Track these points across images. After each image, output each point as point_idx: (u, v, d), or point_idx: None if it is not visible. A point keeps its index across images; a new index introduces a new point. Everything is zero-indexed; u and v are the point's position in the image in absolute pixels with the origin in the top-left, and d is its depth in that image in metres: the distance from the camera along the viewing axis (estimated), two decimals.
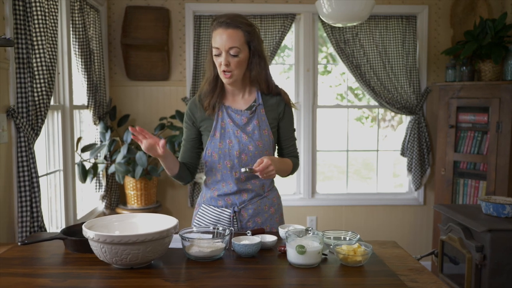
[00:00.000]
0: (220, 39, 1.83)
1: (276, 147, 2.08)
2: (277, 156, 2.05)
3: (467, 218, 2.45)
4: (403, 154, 4.25)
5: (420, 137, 4.14)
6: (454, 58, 3.96)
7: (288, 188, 4.34)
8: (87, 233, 1.49)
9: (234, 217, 1.97)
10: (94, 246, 1.50)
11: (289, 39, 4.30)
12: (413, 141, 4.14)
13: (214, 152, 1.95)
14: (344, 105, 4.46)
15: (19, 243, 1.70)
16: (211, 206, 2.02)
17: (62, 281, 1.45)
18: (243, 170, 1.81)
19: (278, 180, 2.18)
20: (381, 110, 4.98)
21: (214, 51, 1.86)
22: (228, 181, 1.96)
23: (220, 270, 1.56)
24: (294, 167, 2.05)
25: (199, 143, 2.03)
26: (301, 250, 1.56)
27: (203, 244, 1.64)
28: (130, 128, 1.77)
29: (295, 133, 2.12)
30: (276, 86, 2.01)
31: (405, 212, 4.29)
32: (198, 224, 2.04)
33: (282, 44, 4.06)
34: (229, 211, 1.98)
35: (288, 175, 2.04)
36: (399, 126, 7.57)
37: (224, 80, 1.90)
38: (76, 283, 1.44)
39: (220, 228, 1.77)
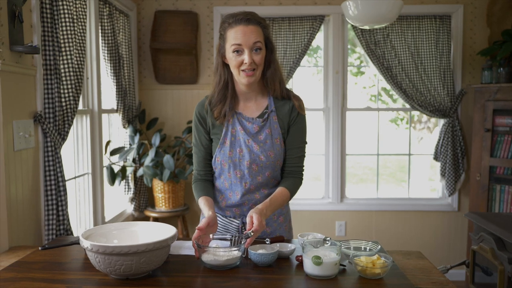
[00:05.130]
0: (243, 35, 1.73)
1: None
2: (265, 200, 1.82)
3: (500, 228, 2.34)
4: (436, 158, 4.12)
5: (454, 141, 4.00)
6: (491, 59, 3.81)
7: (317, 193, 4.29)
8: (82, 242, 1.48)
9: (243, 227, 1.93)
10: (89, 255, 1.50)
11: (322, 39, 4.23)
12: (446, 145, 4.01)
13: (224, 161, 1.88)
14: (374, 108, 4.36)
15: (40, 248, 1.73)
16: (218, 215, 1.97)
17: None
18: (245, 234, 1.68)
19: (306, 184, 2.07)
20: (416, 112, 4.84)
21: (234, 49, 1.75)
22: (236, 192, 1.89)
23: (234, 279, 1.54)
24: (293, 193, 1.90)
25: (211, 148, 1.95)
26: (317, 261, 1.52)
27: (219, 253, 1.62)
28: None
29: (306, 146, 1.96)
30: (287, 89, 1.92)
31: (438, 219, 4.16)
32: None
33: (315, 45, 4.01)
34: (237, 221, 1.93)
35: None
36: (435, 128, 7.38)
37: (244, 80, 1.79)
38: None
39: (237, 236, 1.74)
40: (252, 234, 1.66)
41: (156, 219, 3.81)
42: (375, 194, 4.36)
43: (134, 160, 3.70)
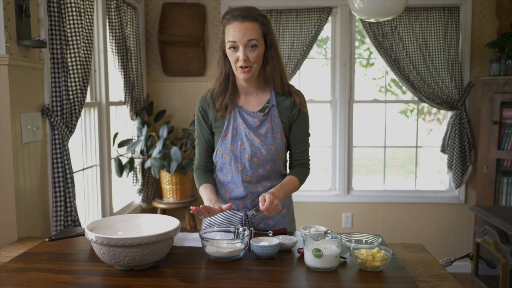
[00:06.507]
0: (238, 32, 1.75)
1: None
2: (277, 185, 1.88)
3: (504, 222, 2.34)
4: (443, 150, 4.11)
5: (462, 134, 3.98)
6: (499, 51, 3.78)
7: (323, 184, 4.30)
8: (87, 234, 1.51)
9: (246, 220, 1.95)
10: (94, 247, 1.54)
11: (329, 31, 4.22)
12: (454, 138, 3.99)
13: (225, 154, 1.92)
14: (382, 100, 4.35)
15: (46, 239, 1.77)
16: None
17: (83, 278, 1.51)
18: (250, 213, 1.82)
19: (313, 176, 2.10)
20: (425, 104, 4.82)
21: (230, 45, 1.78)
22: (238, 184, 1.93)
23: (236, 271, 1.57)
24: (302, 181, 1.96)
25: (213, 142, 2.00)
26: (318, 253, 1.54)
27: (222, 245, 1.65)
28: (192, 210, 1.71)
29: (309, 138, 2.00)
30: (289, 85, 1.93)
31: (444, 211, 4.16)
32: (209, 225, 2.03)
33: (325, 36, 3.99)
34: (241, 214, 1.96)
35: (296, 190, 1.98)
36: (445, 120, 7.32)
37: (241, 76, 1.82)
38: (95, 280, 1.49)
39: (241, 229, 1.77)
40: (254, 213, 1.77)
41: (164, 210, 3.85)
42: (382, 186, 4.36)
43: (142, 152, 3.74)
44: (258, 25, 1.79)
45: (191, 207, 1.73)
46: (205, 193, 1.90)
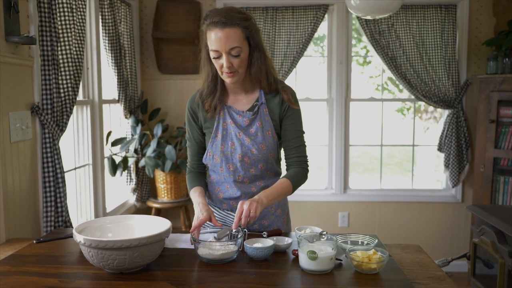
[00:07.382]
0: (219, 41, 1.68)
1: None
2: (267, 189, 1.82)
3: (501, 221, 2.31)
4: (440, 149, 4.08)
5: (459, 132, 3.96)
6: (496, 49, 3.75)
7: (320, 183, 4.27)
8: (75, 236, 1.47)
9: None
10: (82, 249, 1.49)
11: (326, 29, 4.18)
12: (451, 136, 3.96)
13: (216, 155, 1.88)
14: (378, 99, 4.32)
15: (34, 241, 1.73)
16: (215, 208, 1.97)
17: (70, 282, 1.46)
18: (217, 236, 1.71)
19: (309, 175, 2.02)
20: (422, 102, 4.79)
21: (213, 54, 1.72)
22: (231, 185, 1.89)
23: (229, 274, 1.53)
24: (296, 183, 1.86)
25: (205, 143, 1.96)
26: (313, 256, 1.50)
27: (214, 247, 1.61)
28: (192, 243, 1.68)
29: (304, 136, 1.93)
30: (277, 81, 1.87)
31: (441, 210, 4.13)
32: (202, 226, 1.98)
33: (322, 34, 3.96)
34: (234, 214, 1.92)
35: (292, 192, 1.89)
36: (442, 118, 7.29)
37: (227, 80, 1.78)
38: (83, 284, 1.45)
39: (234, 230, 1.73)
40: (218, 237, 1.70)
41: (158, 210, 3.81)
42: (379, 185, 4.33)
43: (135, 151, 3.69)
44: (240, 29, 1.71)
45: (191, 240, 1.69)
46: (194, 196, 1.88)
